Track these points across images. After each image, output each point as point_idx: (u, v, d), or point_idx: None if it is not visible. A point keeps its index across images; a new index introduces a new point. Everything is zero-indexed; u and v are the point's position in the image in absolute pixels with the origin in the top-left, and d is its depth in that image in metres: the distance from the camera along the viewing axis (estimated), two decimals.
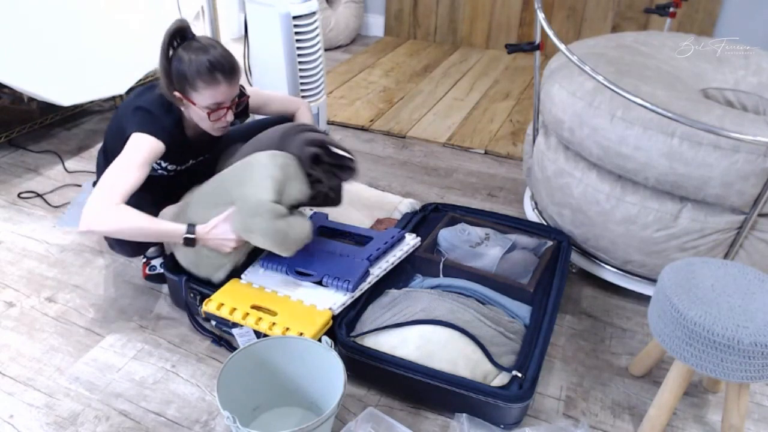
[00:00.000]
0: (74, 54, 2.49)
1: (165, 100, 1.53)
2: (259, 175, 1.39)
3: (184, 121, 1.58)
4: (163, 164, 1.64)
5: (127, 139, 1.48)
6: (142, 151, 1.46)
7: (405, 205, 2.01)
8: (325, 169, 1.58)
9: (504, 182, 2.45)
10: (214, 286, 1.57)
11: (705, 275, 1.28)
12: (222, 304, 1.50)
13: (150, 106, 1.50)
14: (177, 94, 1.48)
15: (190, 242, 1.46)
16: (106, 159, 1.71)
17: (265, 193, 1.34)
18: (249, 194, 1.37)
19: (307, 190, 1.46)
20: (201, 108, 1.48)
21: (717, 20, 3.47)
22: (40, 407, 1.42)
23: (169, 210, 1.70)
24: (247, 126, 1.92)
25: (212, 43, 1.47)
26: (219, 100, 1.48)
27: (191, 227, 1.46)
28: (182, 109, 1.54)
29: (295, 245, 1.47)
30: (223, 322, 1.53)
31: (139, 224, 1.39)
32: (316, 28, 2.45)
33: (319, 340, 1.34)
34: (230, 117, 1.54)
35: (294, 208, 1.52)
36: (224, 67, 1.44)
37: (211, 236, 1.48)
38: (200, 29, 3.45)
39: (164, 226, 1.44)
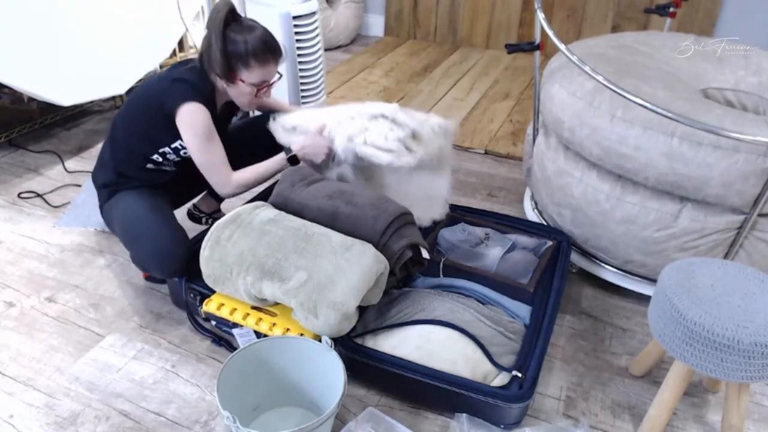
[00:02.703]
0: (74, 54, 2.49)
1: (200, 73, 1.60)
2: (357, 276, 1.35)
3: (215, 96, 1.65)
4: (182, 144, 1.66)
5: (166, 111, 1.56)
6: (197, 120, 1.56)
7: (435, 121, 1.86)
8: (405, 264, 1.58)
9: (504, 182, 2.45)
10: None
11: (705, 275, 1.28)
12: (222, 305, 1.50)
13: (188, 77, 1.58)
14: (222, 71, 1.56)
15: (293, 161, 1.68)
16: (113, 143, 1.69)
17: (353, 301, 1.33)
18: (337, 288, 1.34)
19: (380, 296, 1.48)
20: (248, 85, 1.58)
21: (717, 20, 3.47)
22: (40, 407, 1.42)
23: (226, 219, 1.55)
24: (243, 123, 1.93)
25: (257, 24, 1.57)
26: (266, 78, 1.60)
27: (288, 150, 1.68)
28: (221, 86, 1.61)
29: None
30: (223, 323, 1.53)
31: (256, 176, 1.66)
32: (316, 28, 2.45)
33: (319, 340, 1.34)
34: (269, 94, 1.69)
35: None
36: (275, 48, 1.58)
37: (307, 150, 1.66)
38: (200, 29, 3.46)
39: (271, 164, 1.68)
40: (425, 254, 1.57)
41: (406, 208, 1.57)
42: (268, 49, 1.55)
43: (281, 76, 1.69)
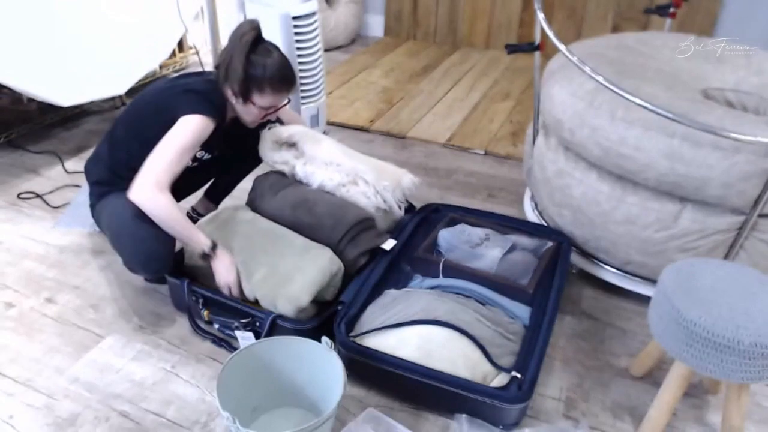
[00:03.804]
0: (74, 54, 2.49)
1: (213, 85, 1.61)
2: (311, 275, 1.51)
3: (226, 108, 1.66)
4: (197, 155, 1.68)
5: (170, 119, 1.55)
6: (192, 132, 1.54)
7: (407, 181, 1.93)
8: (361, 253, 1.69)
9: (504, 183, 2.45)
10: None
11: (705, 276, 1.27)
12: None
13: (200, 88, 1.59)
14: (238, 90, 1.57)
15: (205, 257, 1.56)
16: (113, 142, 1.69)
17: (306, 296, 1.49)
18: (294, 284, 1.50)
19: (334, 293, 1.60)
20: (258, 108, 1.62)
21: (717, 20, 3.47)
22: (40, 408, 1.41)
23: (208, 218, 1.73)
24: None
25: (276, 49, 1.60)
26: (275, 104, 1.64)
27: (214, 248, 1.56)
28: (232, 99, 1.63)
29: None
30: (226, 325, 1.53)
31: (171, 221, 1.49)
32: (316, 28, 2.44)
33: (319, 341, 1.34)
34: (275, 116, 1.76)
35: None
36: (290, 79, 1.62)
37: (222, 269, 1.56)
38: (200, 29, 3.46)
39: (192, 233, 1.53)
40: (388, 246, 1.69)
41: (367, 213, 1.69)
42: (284, 79, 1.59)
43: (290, 101, 1.74)
